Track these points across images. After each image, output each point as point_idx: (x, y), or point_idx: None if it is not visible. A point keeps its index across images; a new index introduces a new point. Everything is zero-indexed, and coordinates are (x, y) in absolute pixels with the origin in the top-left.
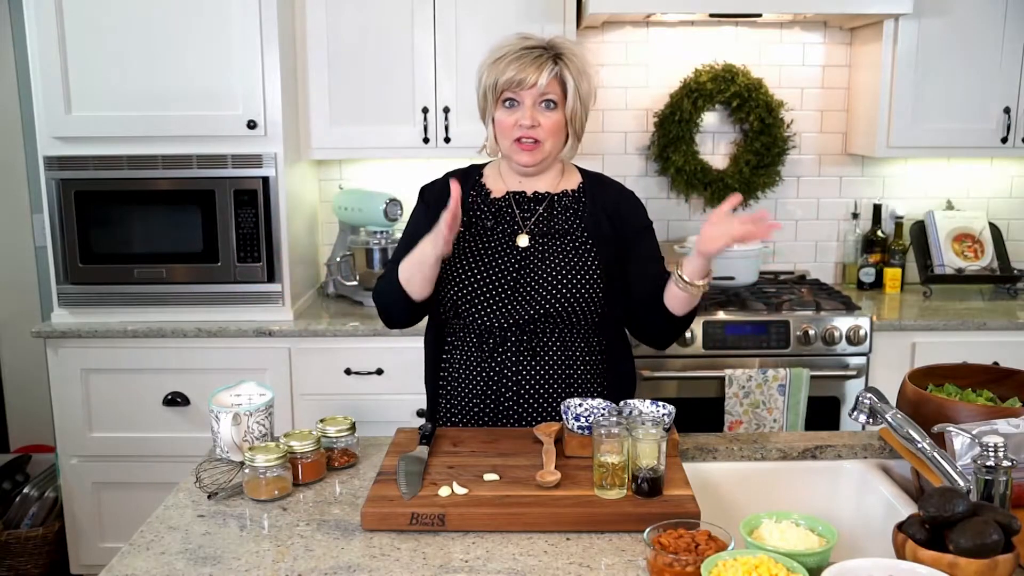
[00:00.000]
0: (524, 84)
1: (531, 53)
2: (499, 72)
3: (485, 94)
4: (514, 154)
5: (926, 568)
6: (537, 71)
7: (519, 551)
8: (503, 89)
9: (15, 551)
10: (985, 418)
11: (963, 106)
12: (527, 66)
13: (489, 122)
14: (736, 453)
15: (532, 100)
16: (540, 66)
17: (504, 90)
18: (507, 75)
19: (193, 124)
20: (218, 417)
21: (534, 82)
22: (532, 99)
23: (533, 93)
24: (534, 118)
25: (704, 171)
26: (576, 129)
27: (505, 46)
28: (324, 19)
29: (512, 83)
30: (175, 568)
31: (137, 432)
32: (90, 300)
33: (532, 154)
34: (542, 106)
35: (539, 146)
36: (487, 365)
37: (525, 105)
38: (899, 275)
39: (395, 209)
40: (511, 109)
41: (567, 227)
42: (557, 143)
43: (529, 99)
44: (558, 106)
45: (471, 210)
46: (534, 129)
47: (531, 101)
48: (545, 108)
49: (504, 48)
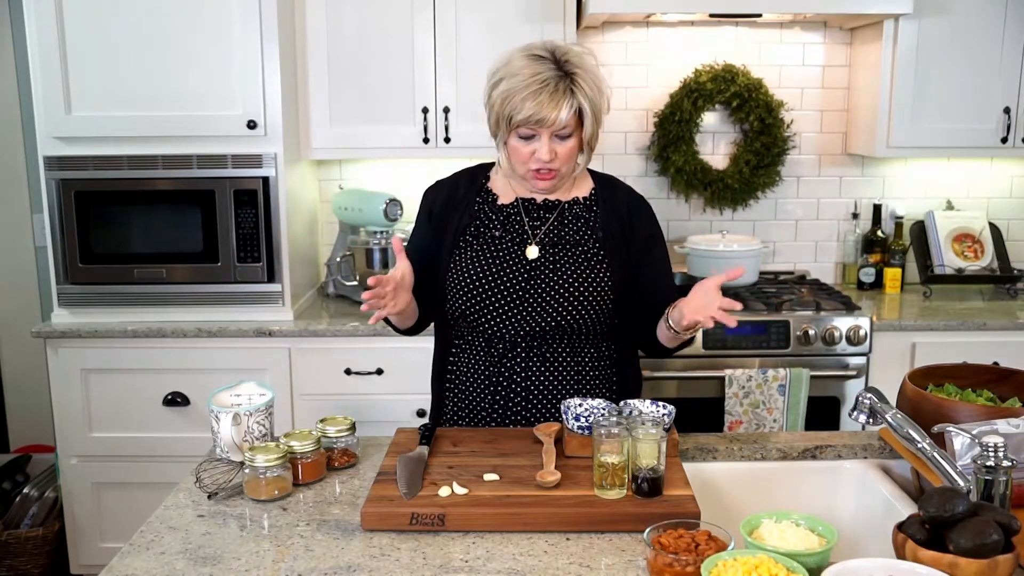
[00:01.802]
0: (544, 123)
1: (547, 86)
2: (514, 108)
3: (498, 120)
4: (530, 181)
5: (926, 568)
6: (556, 108)
7: (519, 551)
8: (518, 125)
9: (15, 551)
10: (985, 418)
11: (963, 106)
12: (545, 103)
13: (501, 144)
14: (736, 453)
15: (548, 134)
16: (559, 102)
17: (518, 125)
18: (524, 113)
19: (193, 124)
20: (218, 417)
21: (553, 120)
22: (548, 133)
23: (552, 129)
24: (552, 151)
25: (704, 171)
26: (591, 145)
27: (514, 71)
28: (324, 19)
29: (530, 122)
30: (175, 568)
31: (137, 432)
32: (90, 300)
33: (550, 183)
34: (557, 138)
35: (555, 173)
36: (496, 370)
37: (543, 139)
38: (899, 275)
39: (395, 209)
40: (527, 141)
41: (578, 237)
42: (572, 165)
43: (547, 134)
44: (573, 134)
45: (477, 217)
46: (552, 161)
47: (547, 135)
48: (560, 139)
49: (515, 76)
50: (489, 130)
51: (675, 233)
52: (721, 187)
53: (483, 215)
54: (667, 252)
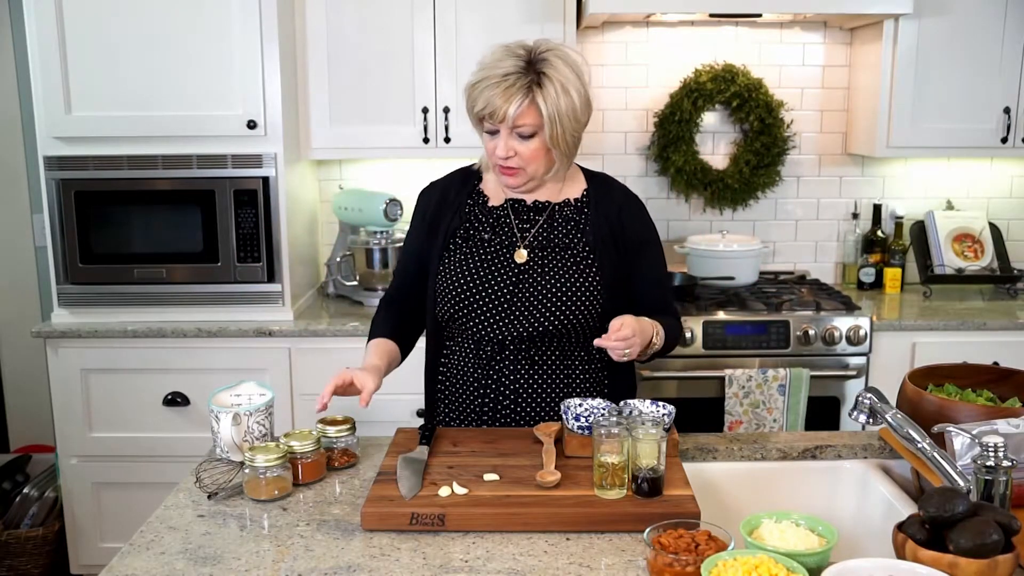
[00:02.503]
0: (495, 116)
1: (505, 81)
2: (473, 100)
3: (468, 112)
4: (500, 177)
5: (926, 568)
6: (506, 103)
7: (519, 551)
8: (479, 118)
9: (15, 551)
10: (985, 418)
11: (963, 106)
12: (497, 97)
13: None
14: (736, 453)
15: (506, 130)
16: (510, 97)
17: (480, 119)
18: (479, 105)
19: (193, 124)
20: (218, 417)
21: (503, 116)
22: (506, 129)
23: (506, 124)
24: (508, 148)
25: (704, 171)
26: (564, 149)
27: (487, 67)
28: (324, 19)
29: (484, 114)
30: (175, 568)
31: (137, 432)
32: (90, 300)
33: (515, 178)
34: (517, 136)
35: (520, 171)
36: (485, 372)
37: (501, 135)
38: (899, 275)
39: (395, 209)
40: (491, 136)
41: (568, 240)
42: (540, 166)
43: (504, 129)
44: (537, 134)
45: (468, 220)
46: (509, 159)
47: (506, 131)
48: (520, 138)
49: (485, 69)
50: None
51: (675, 233)
52: (721, 187)
53: (473, 217)
54: (662, 255)
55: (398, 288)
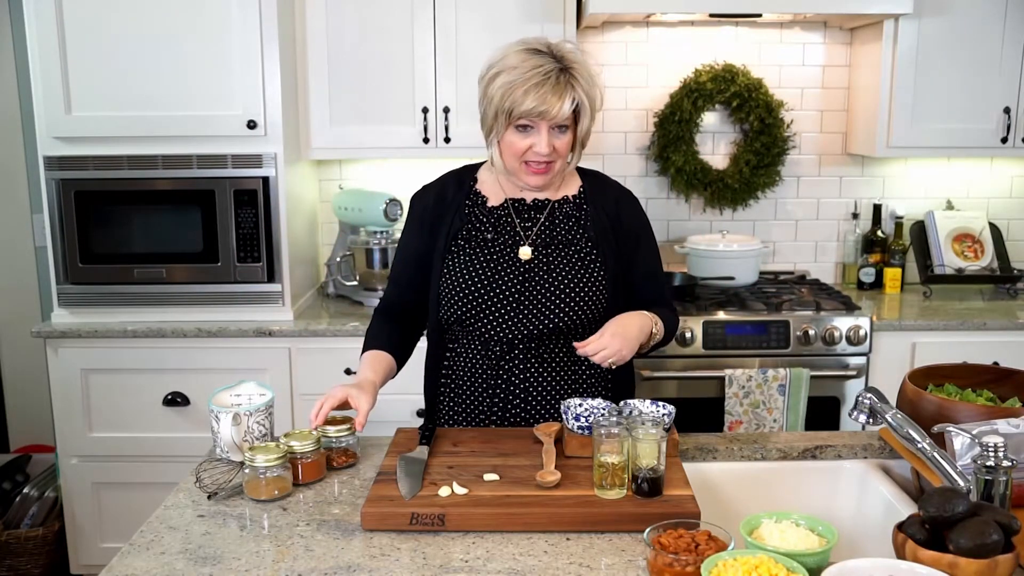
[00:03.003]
0: (546, 115)
1: (549, 79)
2: (515, 101)
3: (496, 114)
4: (522, 175)
5: (926, 568)
6: (559, 100)
7: (519, 551)
8: (521, 117)
9: (15, 551)
10: (985, 418)
11: (963, 106)
12: (548, 95)
13: (495, 140)
14: (736, 453)
15: (547, 127)
16: (561, 95)
17: (519, 117)
18: (527, 105)
19: (193, 124)
20: (218, 417)
21: (556, 113)
22: (547, 126)
23: (552, 121)
24: (550, 144)
25: (704, 171)
26: (584, 141)
27: (513, 65)
28: (324, 19)
29: (532, 114)
30: (175, 568)
31: (137, 432)
32: (90, 300)
33: (543, 176)
34: (555, 130)
35: (551, 167)
36: (493, 373)
37: (541, 132)
38: (899, 275)
39: (395, 209)
40: (524, 133)
41: (570, 237)
42: (565, 162)
43: (546, 127)
44: (569, 127)
45: (468, 220)
46: (550, 155)
47: (546, 128)
48: (559, 132)
49: (514, 68)
50: (482, 127)
51: (675, 233)
52: (721, 187)
53: (474, 218)
54: (656, 248)
55: (395, 296)
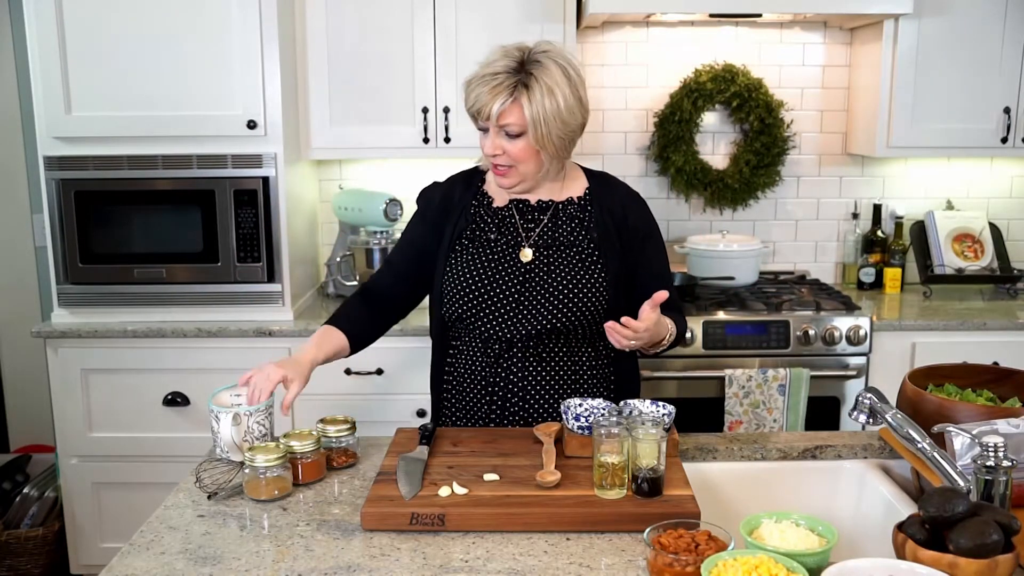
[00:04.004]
0: (481, 114)
1: (493, 80)
2: (466, 96)
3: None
4: (494, 176)
5: (926, 568)
6: (491, 100)
7: (519, 551)
8: (472, 115)
9: (15, 551)
10: (985, 418)
11: (963, 106)
12: (484, 94)
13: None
14: (736, 453)
15: (494, 128)
16: (495, 95)
17: (473, 116)
18: (469, 102)
19: (193, 124)
20: (218, 417)
21: (487, 113)
22: (494, 127)
23: (492, 122)
24: (496, 146)
25: (704, 171)
26: (552, 151)
27: (482, 65)
28: (324, 19)
29: (473, 111)
30: (175, 568)
31: (137, 432)
32: (90, 300)
33: (507, 178)
34: (504, 135)
35: (512, 170)
36: (493, 372)
37: (490, 132)
38: (899, 275)
39: (395, 209)
40: (484, 133)
41: (572, 238)
42: (531, 166)
43: (492, 127)
44: (524, 134)
45: (473, 221)
46: (497, 157)
47: (493, 129)
48: (508, 136)
49: (480, 68)
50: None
51: (675, 233)
52: (721, 187)
53: (478, 218)
54: (664, 251)
55: (385, 281)
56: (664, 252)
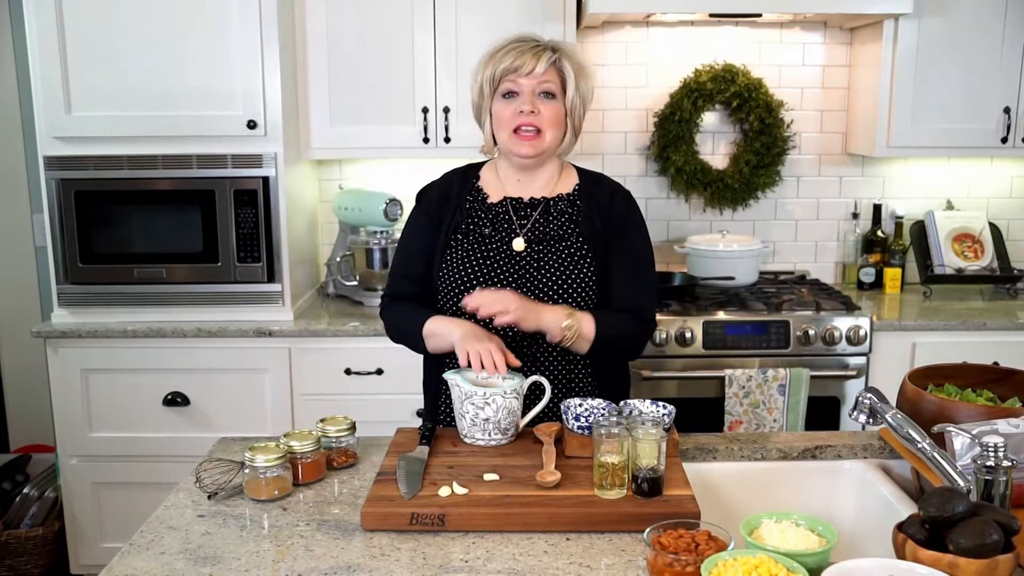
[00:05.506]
0: (521, 71)
1: (528, 44)
2: (496, 62)
3: (482, 88)
4: (513, 146)
5: (926, 568)
6: (535, 59)
7: (519, 551)
8: (501, 78)
9: (15, 551)
10: (985, 418)
11: (963, 106)
12: (525, 53)
13: (486, 118)
14: (736, 453)
15: (531, 89)
16: (538, 55)
17: (502, 79)
18: (504, 63)
19: (193, 124)
20: (490, 398)
21: (531, 69)
22: (531, 88)
23: (532, 82)
24: (534, 104)
25: (704, 171)
26: (575, 124)
27: (501, 44)
28: (324, 19)
29: (509, 70)
30: (175, 568)
31: (137, 432)
32: (90, 300)
33: (533, 144)
34: (541, 96)
35: (539, 137)
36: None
37: (524, 94)
38: (899, 275)
39: (395, 209)
40: (510, 100)
41: (562, 232)
42: (556, 135)
43: (528, 88)
44: (557, 97)
45: (469, 216)
46: (534, 116)
47: (530, 90)
48: (544, 98)
49: (499, 44)
50: (474, 113)
51: (675, 233)
52: (721, 187)
53: (474, 213)
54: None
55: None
56: (646, 249)
